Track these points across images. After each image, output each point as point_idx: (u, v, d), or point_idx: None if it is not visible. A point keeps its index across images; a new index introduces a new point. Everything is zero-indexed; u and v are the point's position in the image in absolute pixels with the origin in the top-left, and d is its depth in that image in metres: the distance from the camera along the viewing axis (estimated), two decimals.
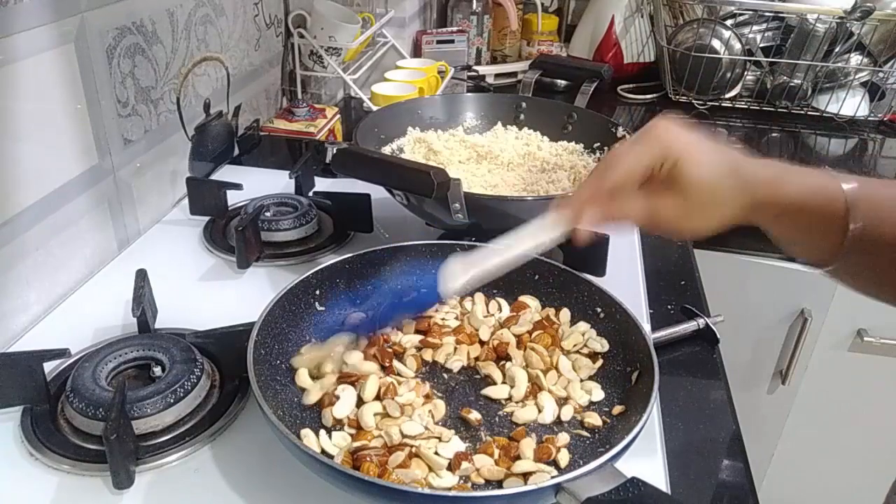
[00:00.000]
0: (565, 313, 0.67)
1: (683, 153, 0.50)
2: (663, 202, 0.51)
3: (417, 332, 0.66)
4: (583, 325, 0.66)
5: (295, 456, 0.48)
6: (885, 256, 0.48)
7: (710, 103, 1.55)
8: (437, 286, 0.58)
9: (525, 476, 0.51)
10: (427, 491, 0.47)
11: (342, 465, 0.46)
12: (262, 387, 0.52)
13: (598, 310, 0.65)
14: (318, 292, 0.65)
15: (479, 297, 0.70)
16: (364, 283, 0.69)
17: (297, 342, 0.62)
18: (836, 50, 1.45)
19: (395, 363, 0.61)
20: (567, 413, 0.57)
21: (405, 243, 0.70)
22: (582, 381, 0.61)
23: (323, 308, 0.66)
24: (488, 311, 0.69)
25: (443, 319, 0.67)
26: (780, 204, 0.49)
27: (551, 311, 0.68)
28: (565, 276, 0.68)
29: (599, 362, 0.62)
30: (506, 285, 0.70)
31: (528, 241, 0.56)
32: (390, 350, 0.62)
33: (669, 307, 0.80)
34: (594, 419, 0.57)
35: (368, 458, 0.50)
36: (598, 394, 0.60)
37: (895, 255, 0.48)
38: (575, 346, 0.64)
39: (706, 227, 0.51)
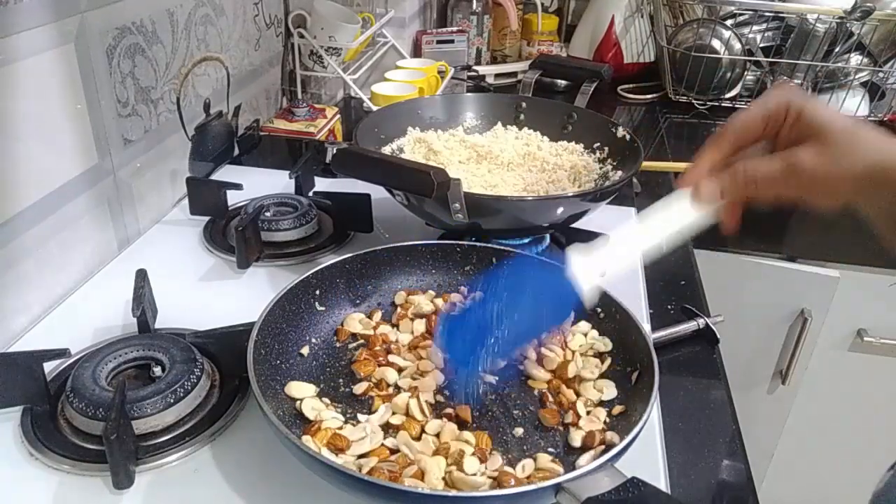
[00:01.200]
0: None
1: (807, 102, 0.47)
2: (801, 156, 0.46)
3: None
4: (584, 325, 0.66)
5: (295, 456, 0.48)
6: None
7: (710, 103, 1.55)
8: (567, 296, 0.51)
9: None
10: (427, 491, 0.47)
11: (342, 465, 0.45)
12: (262, 387, 0.52)
13: (598, 310, 0.65)
14: (318, 292, 0.65)
15: (480, 296, 0.70)
16: (364, 283, 0.69)
17: (298, 342, 0.62)
18: (836, 50, 1.45)
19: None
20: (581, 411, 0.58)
21: (405, 243, 0.70)
22: (594, 380, 0.61)
23: (323, 308, 0.66)
24: None
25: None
26: None
27: None
28: None
29: (608, 361, 0.62)
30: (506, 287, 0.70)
31: (663, 228, 0.51)
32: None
33: (669, 307, 0.80)
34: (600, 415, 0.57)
35: (380, 471, 0.50)
36: (611, 392, 0.59)
37: None
38: (581, 346, 0.64)
39: (842, 186, 0.47)
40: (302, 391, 0.57)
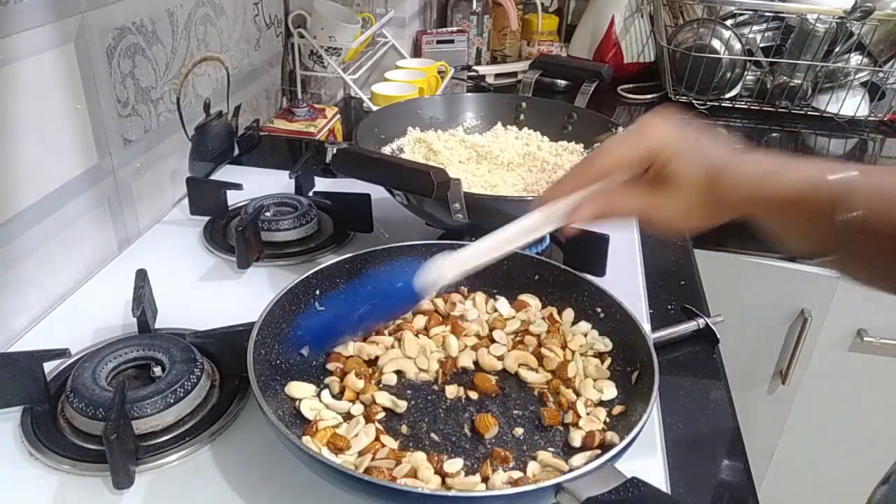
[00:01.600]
0: (569, 313, 0.67)
1: (675, 153, 0.49)
2: (656, 201, 0.50)
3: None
4: (584, 325, 0.66)
5: (295, 456, 0.48)
6: (888, 245, 0.47)
7: (710, 103, 1.55)
8: (412, 284, 0.54)
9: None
10: (427, 491, 0.47)
11: (342, 465, 0.45)
12: (262, 387, 0.52)
13: (599, 310, 0.65)
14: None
15: (480, 296, 0.70)
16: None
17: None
18: (836, 50, 1.45)
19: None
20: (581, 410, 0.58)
21: (405, 243, 0.70)
22: (594, 380, 0.61)
23: (323, 308, 0.66)
24: (487, 310, 0.69)
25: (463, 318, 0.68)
26: (773, 200, 0.48)
27: (553, 311, 0.68)
28: (565, 276, 0.68)
29: (608, 361, 0.62)
30: (506, 284, 0.70)
31: (518, 238, 0.54)
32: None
33: (669, 307, 0.80)
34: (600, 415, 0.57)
35: (379, 470, 0.50)
36: (611, 392, 0.59)
37: None
38: (580, 346, 0.64)
39: (700, 226, 0.50)
40: (302, 391, 0.57)
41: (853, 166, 0.47)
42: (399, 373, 0.61)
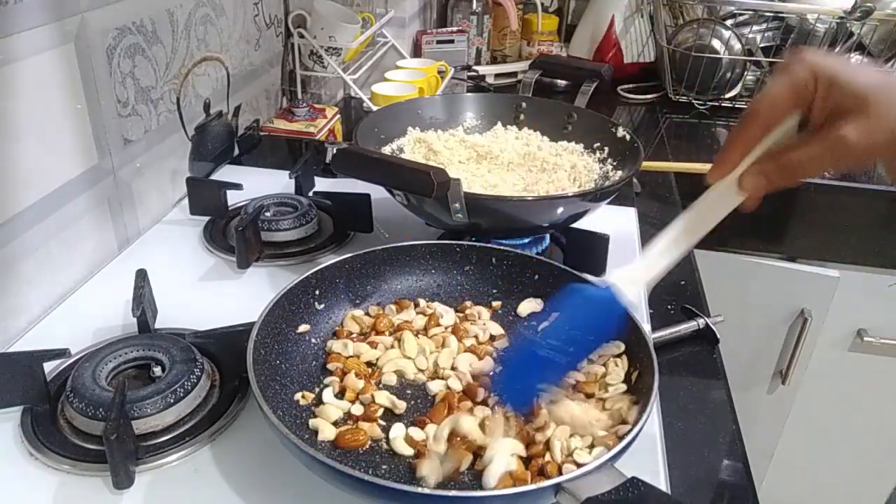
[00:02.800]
0: None
1: (836, 69, 0.44)
2: (845, 129, 0.43)
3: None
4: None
5: (295, 456, 0.48)
6: None
7: (710, 103, 1.55)
8: (611, 317, 0.51)
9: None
10: (427, 491, 0.47)
11: (342, 466, 0.45)
12: (262, 387, 0.52)
13: None
14: (317, 292, 0.65)
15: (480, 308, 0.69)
16: (364, 283, 0.69)
17: (297, 342, 0.62)
18: (837, 50, 1.45)
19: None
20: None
21: (405, 243, 0.70)
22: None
23: (322, 307, 0.66)
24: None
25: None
26: None
27: None
28: (564, 276, 0.68)
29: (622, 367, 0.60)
30: (506, 286, 0.70)
31: (698, 227, 0.50)
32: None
33: (669, 307, 0.80)
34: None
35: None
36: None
37: None
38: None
39: (891, 142, 0.44)
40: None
41: None
42: (399, 373, 0.61)
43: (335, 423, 0.56)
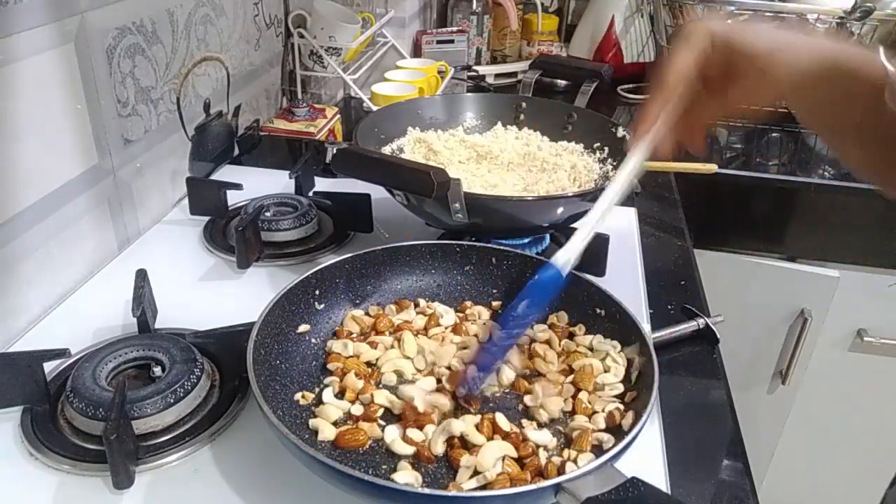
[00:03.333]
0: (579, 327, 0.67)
1: (730, 32, 0.50)
2: (737, 91, 0.50)
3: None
4: (587, 338, 0.65)
5: (295, 456, 0.48)
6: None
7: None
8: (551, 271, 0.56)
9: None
10: (427, 491, 0.48)
11: (342, 466, 0.45)
12: (262, 387, 0.52)
13: (599, 310, 0.65)
14: (317, 292, 0.65)
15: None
16: (364, 283, 0.69)
17: (297, 342, 0.62)
18: None
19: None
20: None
21: (404, 243, 0.70)
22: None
23: (322, 307, 0.66)
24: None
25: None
26: (833, 58, 0.49)
27: (554, 317, 0.67)
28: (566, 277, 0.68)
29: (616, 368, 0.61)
30: (506, 286, 0.70)
31: (621, 185, 0.55)
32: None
33: (669, 307, 0.80)
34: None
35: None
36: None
37: None
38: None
39: (786, 88, 0.51)
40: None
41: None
42: (398, 373, 0.61)
43: (335, 423, 0.56)
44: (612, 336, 0.63)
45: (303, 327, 0.63)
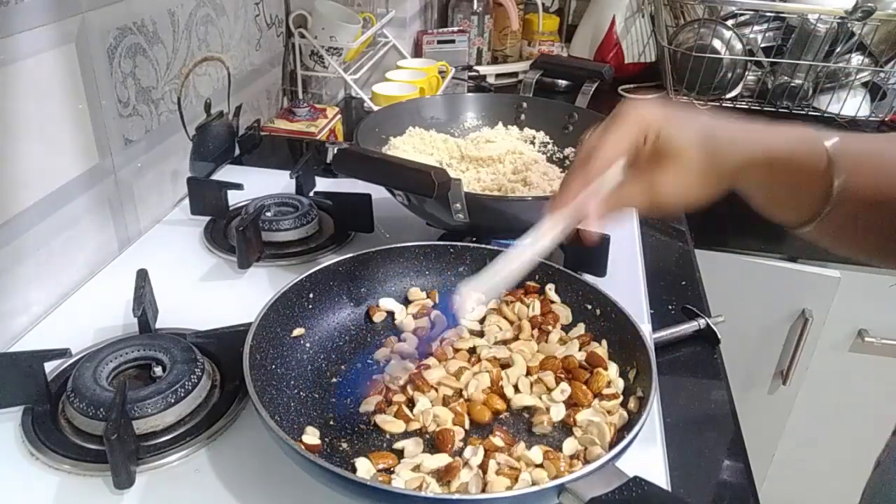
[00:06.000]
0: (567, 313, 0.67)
1: (663, 124, 0.50)
2: (659, 179, 0.50)
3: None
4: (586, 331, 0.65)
5: (293, 460, 0.48)
6: (864, 211, 0.49)
7: (711, 104, 1.55)
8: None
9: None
10: (428, 494, 0.47)
11: (340, 469, 0.45)
12: (259, 391, 0.52)
13: (597, 310, 0.65)
14: (311, 295, 0.65)
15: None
16: (358, 286, 0.69)
17: (293, 345, 0.62)
18: (837, 50, 1.45)
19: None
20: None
21: (398, 245, 0.70)
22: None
23: (317, 310, 0.65)
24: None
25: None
26: (769, 156, 0.49)
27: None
28: (558, 275, 0.68)
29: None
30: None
31: (531, 249, 0.55)
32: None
33: (670, 307, 0.80)
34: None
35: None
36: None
37: (874, 209, 0.49)
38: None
39: (702, 196, 0.50)
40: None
41: (833, 133, 0.49)
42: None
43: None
44: (609, 335, 0.63)
45: (297, 331, 0.63)
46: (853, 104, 1.48)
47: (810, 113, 1.53)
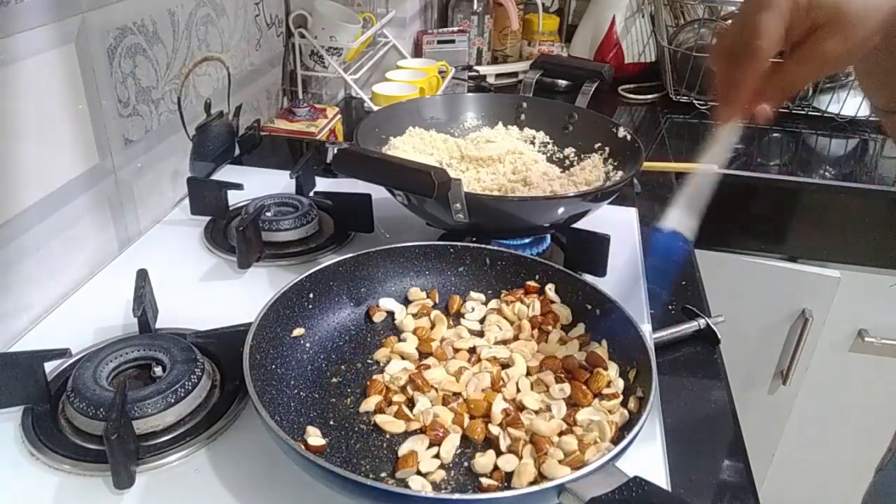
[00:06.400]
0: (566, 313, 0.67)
1: None
2: (825, 45, 0.48)
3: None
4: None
5: (294, 461, 0.48)
6: None
7: (711, 103, 1.55)
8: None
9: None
10: (430, 495, 0.47)
11: (340, 469, 0.45)
12: (259, 391, 0.52)
13: (596, 309, 0.65)
14: (311, 295, 0.65)
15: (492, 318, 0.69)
16: (357, 286, 0.69)
17: (293, 346, 0.62)
18: None
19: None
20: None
21: (398, 245, 0.70)
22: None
23: (317, 310, 0.65)
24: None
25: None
26: None
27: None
28: (558, 276, 0.68)
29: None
30: (500, 286, 0.70)
31: (719, 153, 0.55)
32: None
33: (670, 307, 0.80)
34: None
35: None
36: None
37: None
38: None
39: (865, 49, 0.49)
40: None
41: None
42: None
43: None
44: (609, 335, 0.63)
45: (297, 331, 0.63)
46: (853, 104, 1.48)
47: (810, 113, 1.53)
